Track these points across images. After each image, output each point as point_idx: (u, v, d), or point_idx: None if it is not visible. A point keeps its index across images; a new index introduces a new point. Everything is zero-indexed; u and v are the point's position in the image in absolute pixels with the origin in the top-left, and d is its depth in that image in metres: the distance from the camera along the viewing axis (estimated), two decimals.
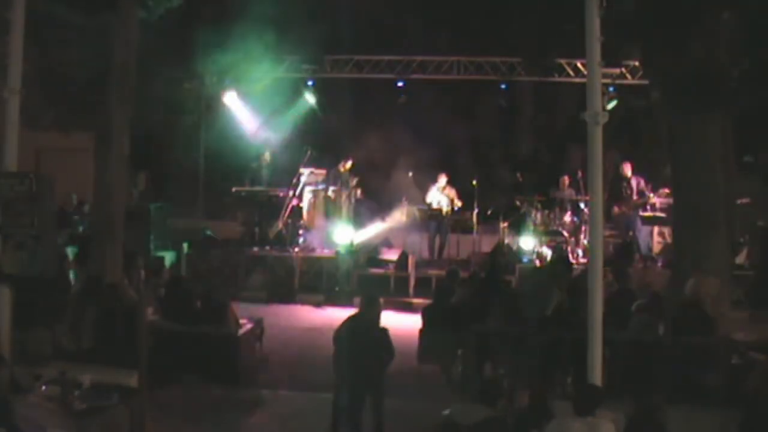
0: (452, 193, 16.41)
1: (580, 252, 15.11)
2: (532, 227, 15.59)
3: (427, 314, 10.32)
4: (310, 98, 18.23)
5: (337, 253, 15.23)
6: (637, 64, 15.12)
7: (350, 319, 8.23)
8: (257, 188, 17.33)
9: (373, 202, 17.17)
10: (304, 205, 16.89)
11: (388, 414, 8.02)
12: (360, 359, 7.97)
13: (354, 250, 15.44)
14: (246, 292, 14.50)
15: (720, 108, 9.47)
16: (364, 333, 8.05)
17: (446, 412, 6.70)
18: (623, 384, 8.04)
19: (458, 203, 16.36)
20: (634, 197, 15.56)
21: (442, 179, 16.43)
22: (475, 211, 16.61)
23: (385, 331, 8.14)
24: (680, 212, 10.07)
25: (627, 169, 15.78)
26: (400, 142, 17.60)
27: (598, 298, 6.83)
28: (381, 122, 17.88)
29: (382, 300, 8.41)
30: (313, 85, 18.02)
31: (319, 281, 14.97)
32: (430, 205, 16.33)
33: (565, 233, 15.52)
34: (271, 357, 10.85)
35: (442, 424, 6.68)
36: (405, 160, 17.19)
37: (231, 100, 17.83)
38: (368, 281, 14.72)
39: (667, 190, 14.60)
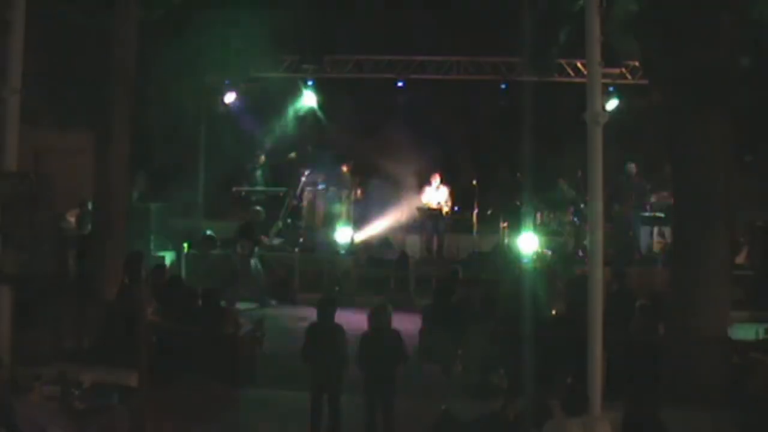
0: (446, 192, 16.40)
1: (580, 252, 15.10)
2: (532, 227, 15.58)
3: (427, 314, 10.31)
4: (310, 98, 18.24)
5: (337, 253, 15.21)
6: (637, 64, 15.11)
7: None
8: (258, 188, 17.39)
9: (373, 202, 17.16)
10: (305, 205, 16.90)
11: None
12: (372, 363, 8.09)
13: (354, 250, 15.43)
14: (246, 291, 14.48)
15: (720, 108, 9.46)
16: (376, 338, 8.23)
17: (444, 407, 6.72)
18: (622, 384, 8.04)
19: (448, 204, 16.35)
20: (635, 198, 15.60)
21: (436, 179, 16.42)
22: (475, 211, 16.62)
23: (398, 334, 8.28)
24: (680, 212, 10.06)
25: (631, 169, 15.84)
26: (399, 142, 17.60)
27: (598, 298, 6.83)
28: (381, 122, 17.87)
29: (390, 306, 8.56)
30: (313, 85, 18.04)
31: (319, 281, 14.96)
32: (429, 204, 16.32)
33: (566, 233, 15.52)
34: (271, 357, 10.84)
35: (440, 420, 6.70)
36: (405, 160, 17.18)
37: (231, 100, 17.84)
38: (368, 281, 14.72)
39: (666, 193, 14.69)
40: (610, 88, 16.00)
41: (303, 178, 17.12)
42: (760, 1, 9.17)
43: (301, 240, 15.94)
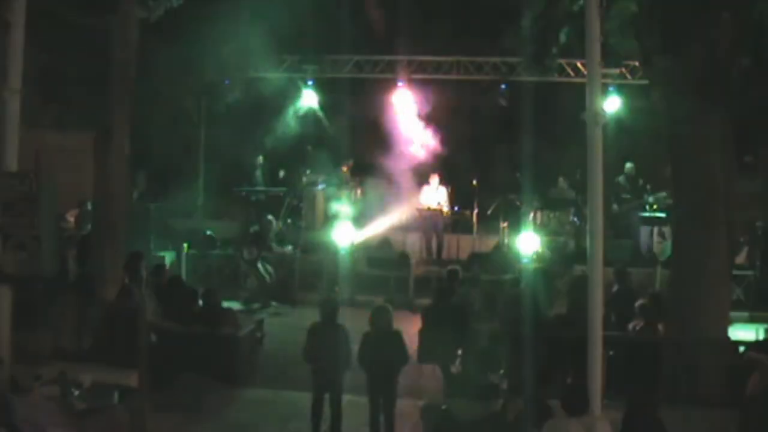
0: (445, 192, 16.40)
1: (580, 252, 15.10)
2: (532, 227, 15.58)
3: (427, 314, 10.31)
4: (310, 98, 18.25)
5: (337, 253, 15.22)
6: (637, 64, 15.11)
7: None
8: (258, 188, 17.41)
9: (372, 202, 17.17)
10: (304, 205, 16.91)
11: None
12: (374, 364, 8.13)
13: (354, 250, 15.44)
14: (246, 292, 14.50)
15: (720, 108, 9.46)
16: (378, 339, 8.22)
17: (444, 407, 6.72)
18: (622, 383, 8.04)
19: (447, 204, 16.35)
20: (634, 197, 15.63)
21: (435, 179, 16.43)
22: (475, 211, 16.61)
23: (399, 335, 8.28)
24: (680, 212, 10.07)
25: (631, 169, 15.85)
26: (399, 141, 17.60)
27: (598, 298, 6.83)
28: (381, 122, 17.88)
29: (390, 307, 8.55)
30: (313, 84, 18.05)
31: (319, 281, 14.96)
32: (428, 204, 16.32)
33: (566, 233, 15.51)
34: (271, 357, 10.85)
35: (440, 420, 6.69)
36: (404, 160, 17.18)
37: (231, 99, 17.85)
38: (368, 281, 14.72)
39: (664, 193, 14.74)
40: (610, 88, 16.01)
41: (303, 178, 17.14)
42: (760, 1, 9.17)
43: (301, 240, 15.95)
